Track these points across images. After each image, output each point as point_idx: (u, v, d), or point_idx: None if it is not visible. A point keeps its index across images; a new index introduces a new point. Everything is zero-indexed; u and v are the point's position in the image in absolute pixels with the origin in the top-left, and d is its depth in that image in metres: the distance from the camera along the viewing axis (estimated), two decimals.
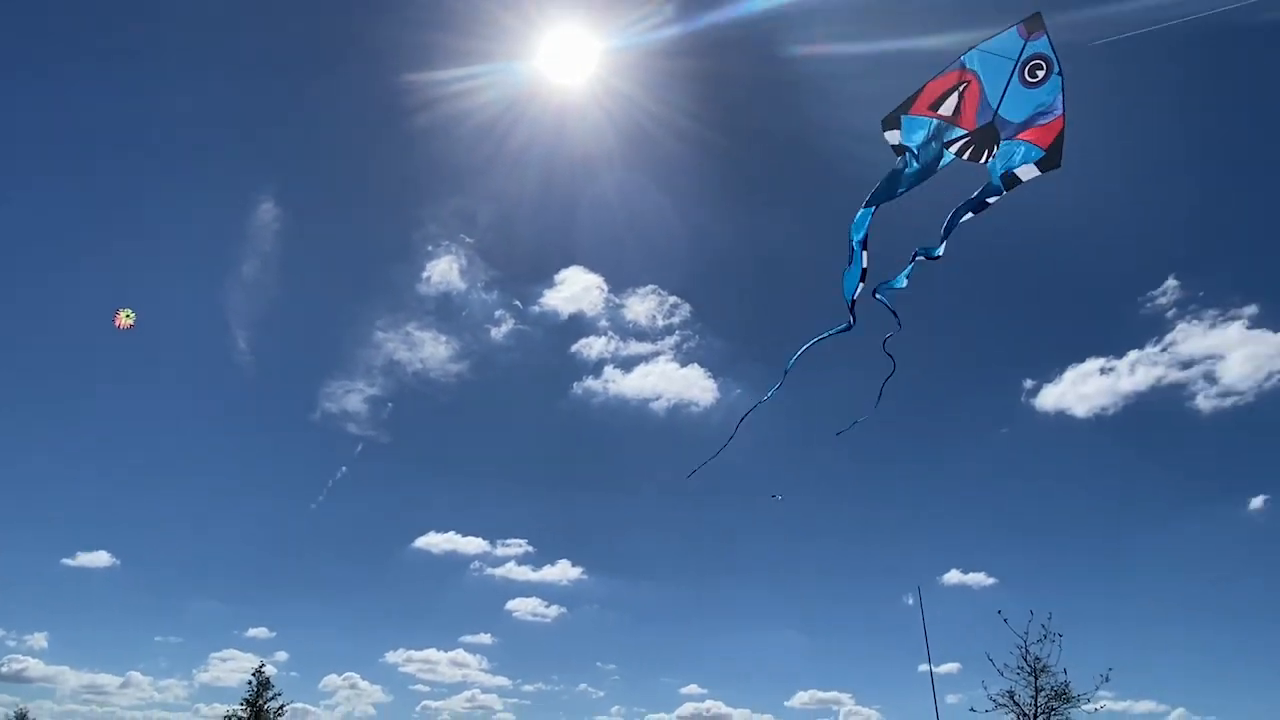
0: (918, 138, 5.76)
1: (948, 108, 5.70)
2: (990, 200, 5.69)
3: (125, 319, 18.83)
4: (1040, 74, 5.46)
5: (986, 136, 5.62)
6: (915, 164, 5.74)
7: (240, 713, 27.85)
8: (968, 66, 5.65)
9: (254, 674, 29.13)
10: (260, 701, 28.21)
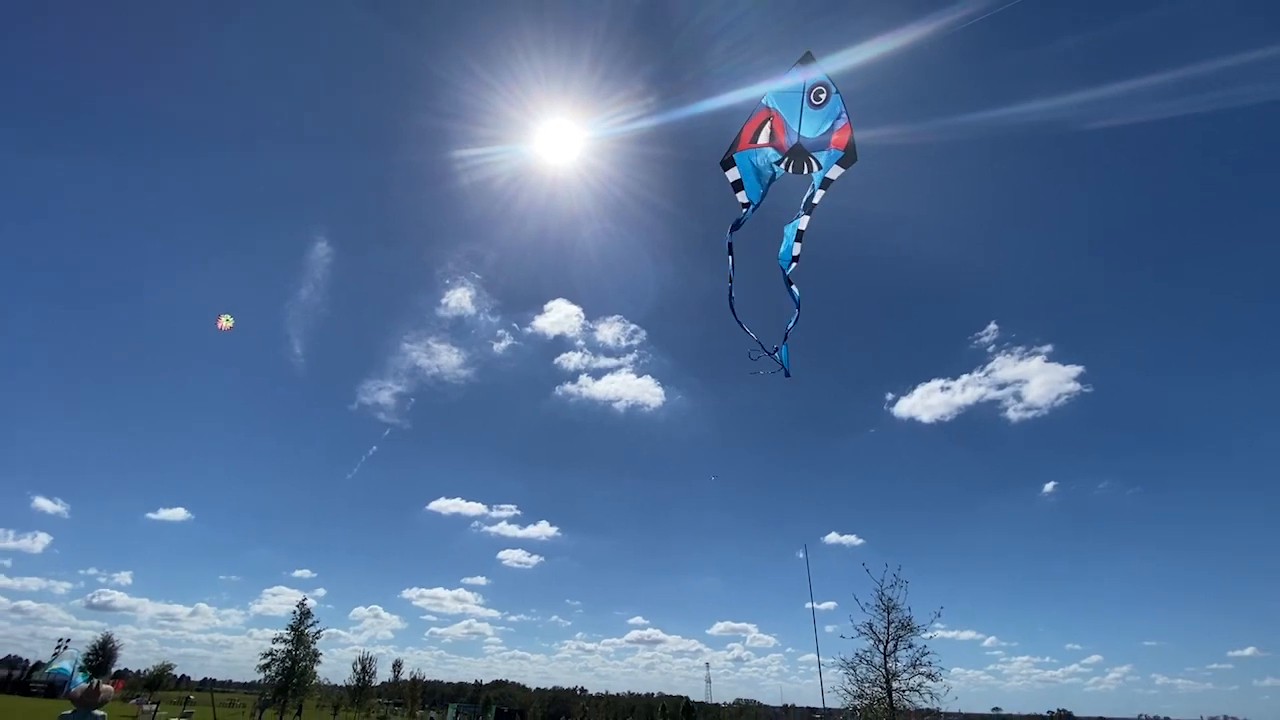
0: (748, 167, 6.87)
1: (764, 138, 6.78)
2: (815, 201, 6.92)
3: (225, 322, 21.91)
4: (824, 96, 6.61)
5: (799, 153, 6.77)
6: (756, 189, 6.92)
7: (286, 636, 32.80)
8: (769, 105, 6.76)
9: (298, 606, 34.03)
10: (302, 627, 33.20)
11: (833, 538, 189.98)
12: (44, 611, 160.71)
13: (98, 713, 7.78)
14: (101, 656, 54.42)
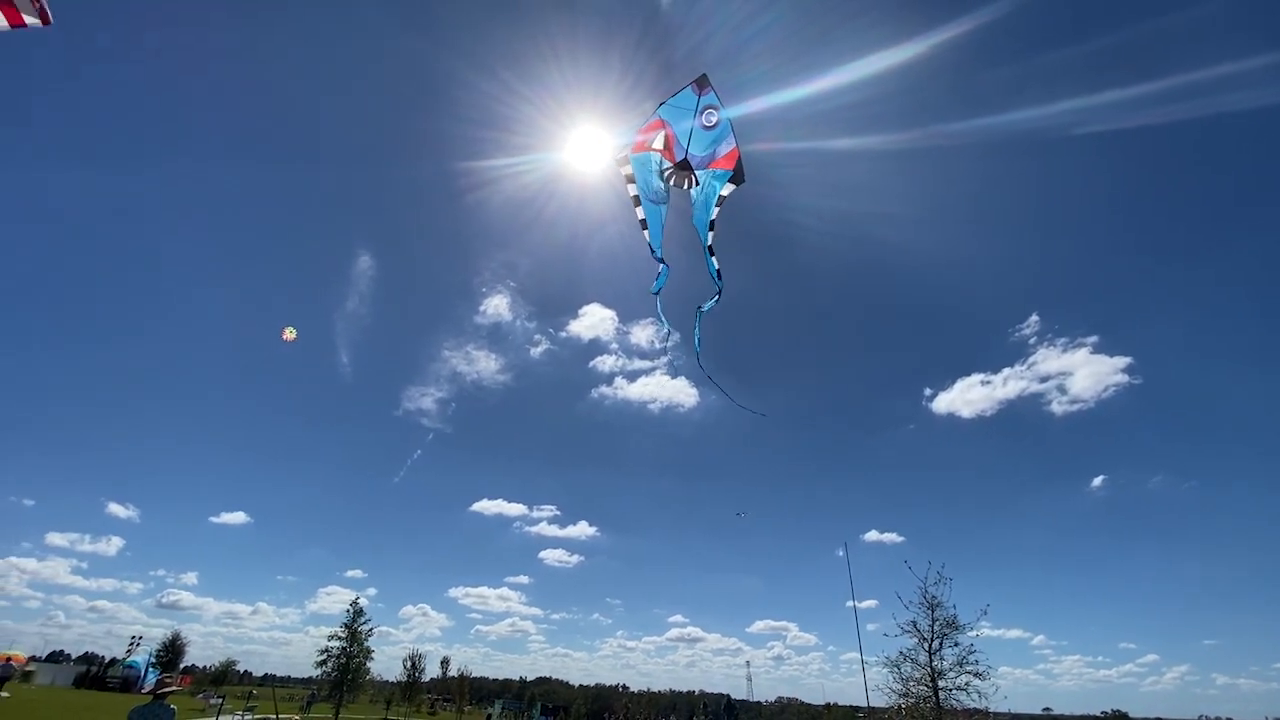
0: (640, 169, 7.31)
1: (658, 144, 7.21)
2: (713, 218, 7.27)
3: (289, 334, 22.61)
4: (714, 119, 6.97)
5: (684, 168, 7.20)
6: (649, 189, 7.33)
7: (340, 633, 34.07)
8: (661, 116, 7.10)
9: (351, 604, 35.24)
10: (355, 625, 34.40)
11: (872, 535, 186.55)
12: (118, 610, 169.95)
13: (168, 705, 8.31)
14: (171, 653, 57.35)
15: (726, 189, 7.09)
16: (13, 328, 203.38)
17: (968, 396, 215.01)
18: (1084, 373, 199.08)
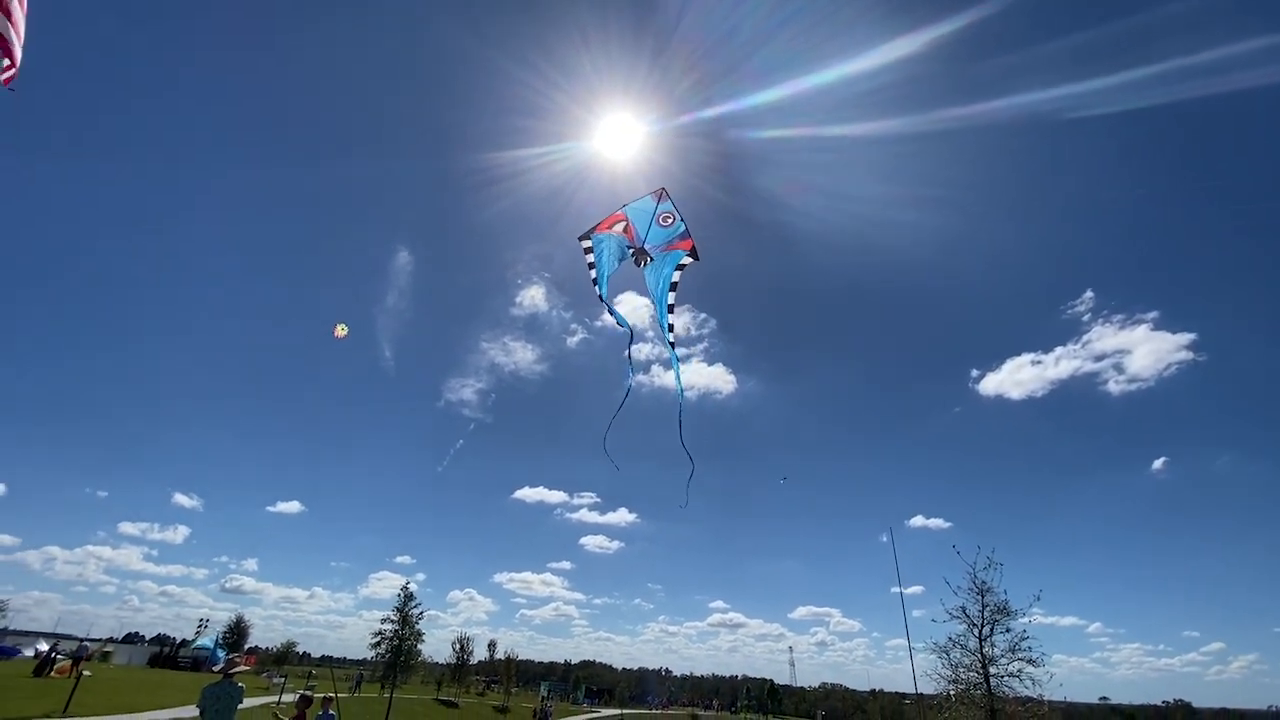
0: (600, 246, 8.80)
1: (618, 229, 8.72)
2: (675, 280, 8.87)
3: (341, 330, 22.63)
4: (670, 221, 8.51)
5: (642, 253, 8.78)
6: (604, 260, 8.89)
7: (392, 616, 35.28)
8: (625, 213, 8.72)
9: (401, 589, 36.42)
10: (406, 609, 35.57)
11: (918, 521, 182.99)
12: (186, 595, 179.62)
13: (237, 683, 8.73)
14: (236, 635, 60.35)
15: (687, 260, 8.63)
16: (81, 331, 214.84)
17: (1017, 377, 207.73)
18: (1143, 350, 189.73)
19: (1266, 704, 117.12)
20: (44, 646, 32.69)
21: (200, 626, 59.57)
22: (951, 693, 17.60)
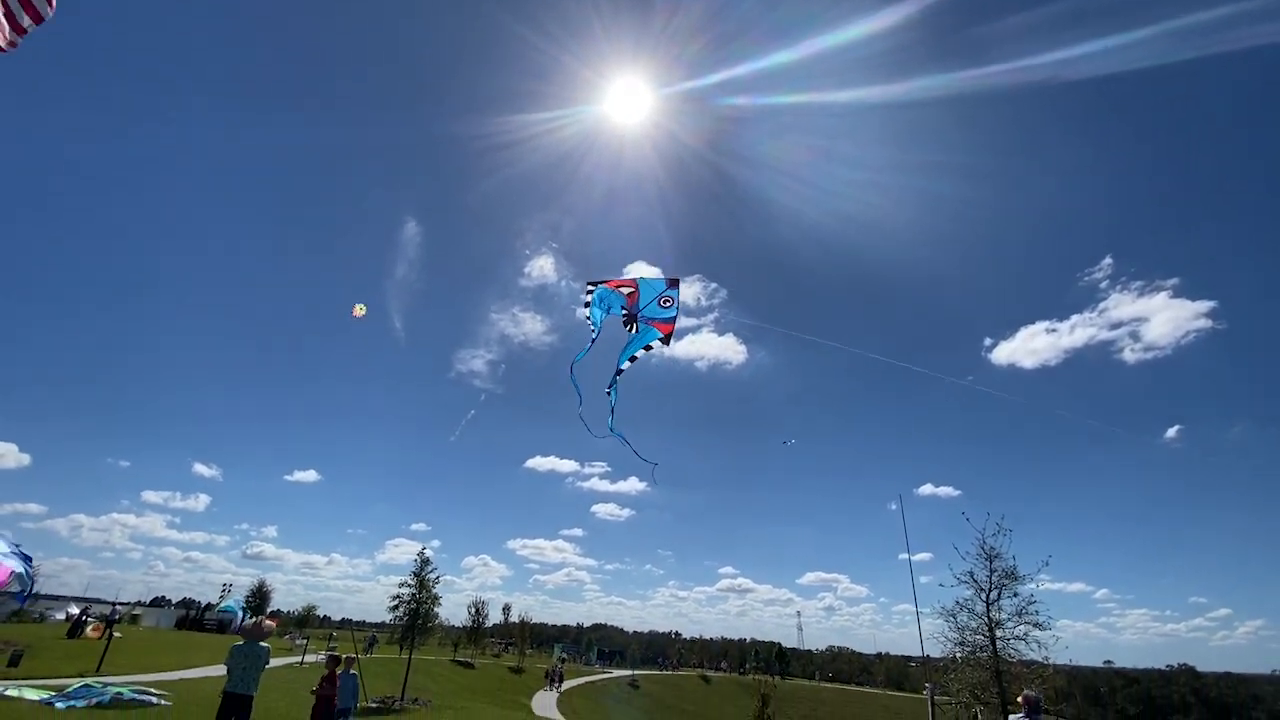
0: (603, 299, 10.26)
1: (624, 291, 10.16)
2: (638, 355, 10.21)
3: (359, 310, 22.53)
4: (669, 305, 10.00)
5: (633, 319, 10.12)
6: (598, 308, 10.26)
7: (409, 581, 36.00)
8: (637, 282, 10.30)
9: (418, 555, 37.08)
10: (423, 573, 36.25)
11: (927, 489, 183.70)
12: (209, 561, 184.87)
13: (263, 644, 9.02)
14: (258, 598, 62.21)
15: (655, 343, 10.05)
16: (99, 304, 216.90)
17: (1031, 346, 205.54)
18: (1162, 318, 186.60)
19: (1270, 668, 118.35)
20: (75, 610, 33.86)
21: (224, 591, 61.54)
22: (958, 655, 17.89)
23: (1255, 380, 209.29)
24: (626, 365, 10.03)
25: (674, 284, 10.11)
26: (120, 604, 46.73)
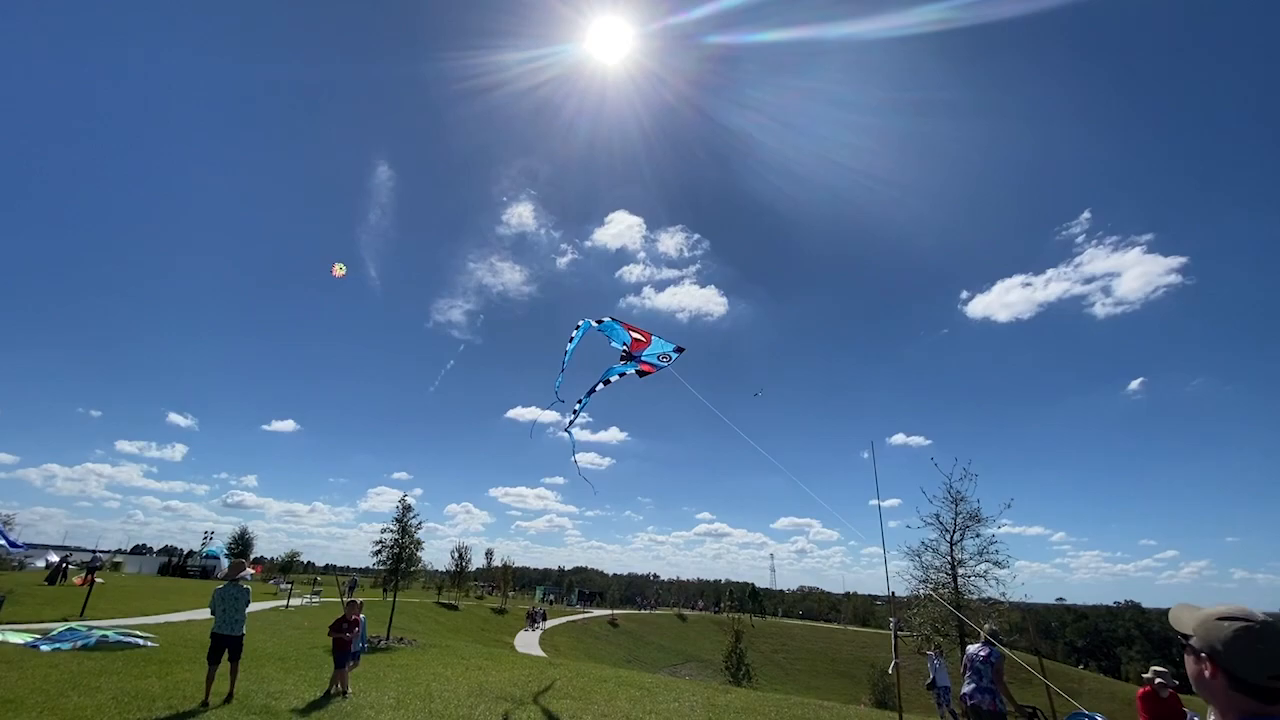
0: (608, 329, 12.29)
1: (634, 335, 12.28)
2: (612, 379, 12.47)
3: (339, 269, 22.07)
4: (665, 360, 12.46)
5: (630, 358, 12.35)
6: (615, 332, 12.39)
7: (392, 527, 36.56)
8: (651, 335, 12.46)
9: (399, 501, 37.58)
10: (405, 519, 36.80)
11: (899, 439, 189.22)
12: (189, 509, 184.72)
13: (244, 585, 9.16)
14: (240, 546, 62.65)
15: (629, 372, 12.58)
16: (65, 251, 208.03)
17: (1006, 299, 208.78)
18: (1134, 273, 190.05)
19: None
20: (54, 558, 33.81)
21: (205, 538, 61.73)
22: (921, 592, 18.84)
23: (1217, 336, 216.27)
24: (600, 388, 12.15)
25: (680, 350, 12.56)
26: (101, 551, 46.73)
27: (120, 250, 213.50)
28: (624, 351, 12.12)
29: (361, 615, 10.44)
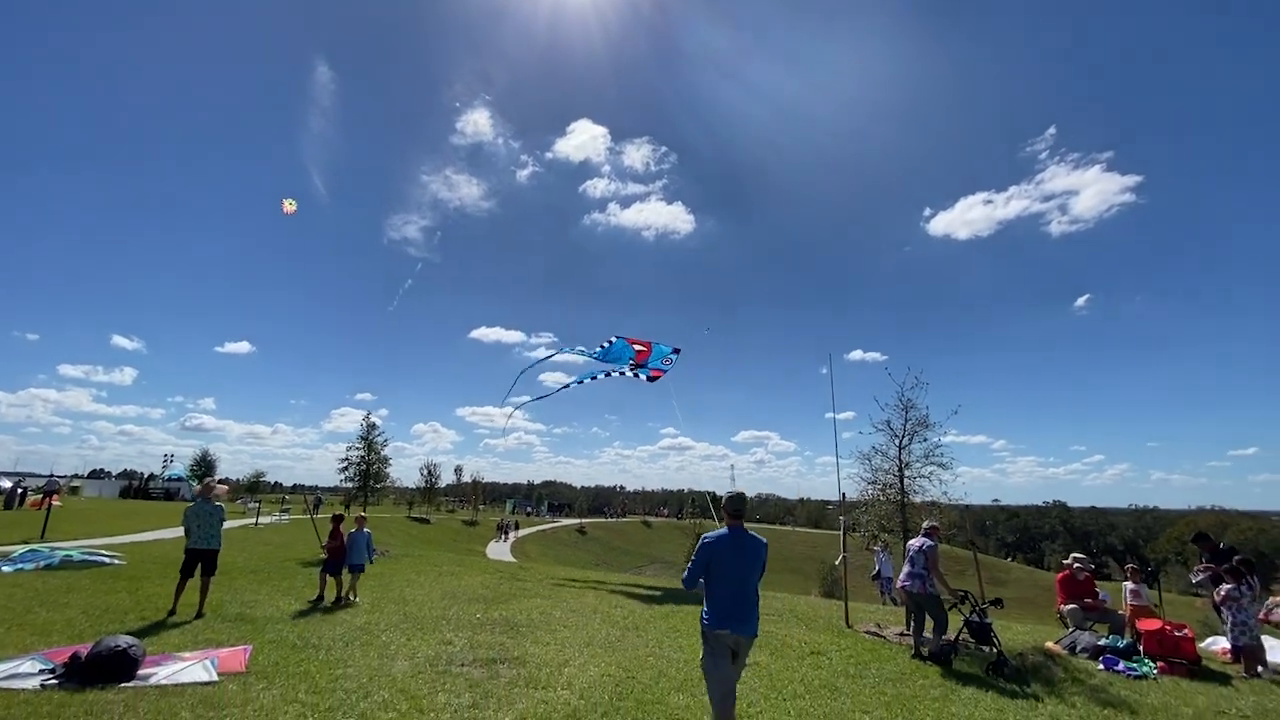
0: (615, 349, 15.10)
1: (636, 348, 15.05)
2: (610, 372, 15.24)
3: (289, 206, 20.88)
4: (666, 363, 15.27)
5: (636, 367, 15.13)
6: (610, 351, 15.34)
7: (358, 445, 36.71)
8: (650, 345, 15.14)
9: (363, 419, 37.54)
10: (370, 437, 36.92)
11: (856, 354, 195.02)
12: (145, 434, 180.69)
13: (217, 503, 9.14)
14: (203, 468, 62.18)
15: (624, 369, 15.17)
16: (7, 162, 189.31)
17: (967, 217, 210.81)
18: (1091, 191, 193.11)
19: (1129, 503, 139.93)
20: (7, 484, 33.05)
21: (166, 462, 61.00)
22: (870, 494, 20.03)
23: (1164, 254, 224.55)
24: (596, 371, 14.45)
25: (677, 351, 14.51)
26: (58, 476, 45.80)
27: (51, 169, 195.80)
28: (631, 364, 14.44)
29: (366, 530, 10.62)
